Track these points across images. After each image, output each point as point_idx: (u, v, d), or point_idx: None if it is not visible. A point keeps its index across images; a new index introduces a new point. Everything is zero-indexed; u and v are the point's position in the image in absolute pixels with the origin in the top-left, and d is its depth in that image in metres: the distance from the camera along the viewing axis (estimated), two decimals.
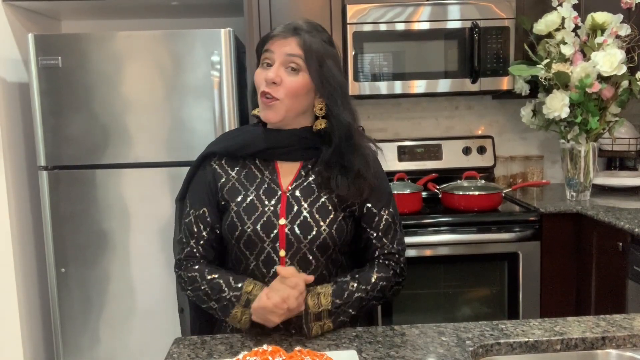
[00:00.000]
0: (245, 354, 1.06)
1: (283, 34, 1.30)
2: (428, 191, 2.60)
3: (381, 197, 1.38)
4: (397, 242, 1.38)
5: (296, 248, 1.30)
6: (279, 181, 1.35)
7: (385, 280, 1.33)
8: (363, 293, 1.29)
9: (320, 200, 1.33)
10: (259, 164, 1.38)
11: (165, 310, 2.47)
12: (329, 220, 1.31)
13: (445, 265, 2.45)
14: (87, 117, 2.38)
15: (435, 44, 2.62)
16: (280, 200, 1.33)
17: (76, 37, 2.38)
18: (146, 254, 2.45)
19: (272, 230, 1.30)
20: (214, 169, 1.38)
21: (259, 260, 1.32)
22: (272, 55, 1.30)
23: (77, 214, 2.42)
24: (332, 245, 1.32)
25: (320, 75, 1.30)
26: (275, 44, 1.30)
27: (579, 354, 1.17)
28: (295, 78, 1.30)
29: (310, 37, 1.30)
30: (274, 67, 1.30)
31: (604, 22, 2.41)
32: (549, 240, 2.43)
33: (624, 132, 2.78)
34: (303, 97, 1.32)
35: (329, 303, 1.24)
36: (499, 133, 3.09)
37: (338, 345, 1.19)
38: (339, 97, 1.32)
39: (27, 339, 2.55)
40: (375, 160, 1.39)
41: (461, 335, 1.20)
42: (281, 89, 1.29)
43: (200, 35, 2.37)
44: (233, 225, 1.32)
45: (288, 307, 1.18)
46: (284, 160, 1.37)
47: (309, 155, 1.36)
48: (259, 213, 1.31)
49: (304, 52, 1.29)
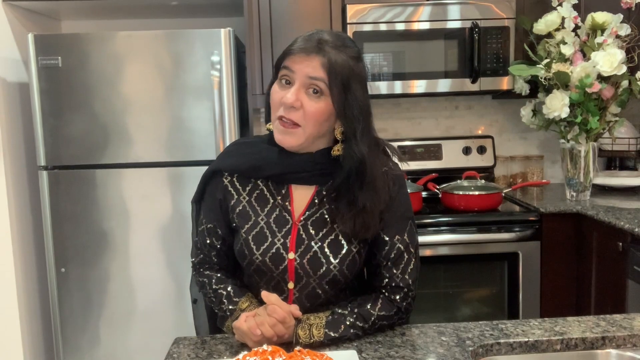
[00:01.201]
0: (245, 354, 1.06)
1: (306, 50, 1.17)
2: (428, 191, 2.60)
3: (395, 223, 1.27)
4: (408, 274, 1.27)
5: (305, 282, 1.26)
6: (292, 209, 1.28)
7: (386, 319, 1.24)
8: (360, 331, 1.21)
9: (333, 233, 1.25)
10: (271, 187, 1.29)
11: (165, 310, 2.47)
12: (341, 257, 1.24)
13: (445, 265, 2.45)
14: (87, 117, 2.38)
15: (435, 43, 2.62)
16: (290, 231, 1.27)
17: (76, 37, 2.38)
18: (146, 254, 2.45)
19: (281, 263, 1.26)
20: (225, 187, 1.31)
21: (270, 286, 1.29)
22: (292, 75, 1.18)
23: (77, 214, 2.42)
24: (342, 281, 1.27)
25: (342, 101, 1.18)
26: (296, 62, 1.18)
27: (579, 354, 1.17)
28: (317, 103, 1.18)
29: (336, 54, 1.17)
30: (294, 89, 1.18)
31: (604, 22, 2.41)
32: (549, 240, 2.43)
33: (624, 132, 2.78)
34: (324, 123, 1.21)
35: (321, 335, 1.17)
36: (499, 133, 3.09)
37: (338, 345, 1.19)
38: (359, 125, 1.20)
39: (27, 339, 2.55)
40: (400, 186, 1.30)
41: (461, 335, 1.20)
42: (300, 113, 1.18)
43: (200, 35, 2.37)
44: (242, 253, 1.29)
45: (262, 334, 1.13)
46: (298, 183, 1.29)
47: (325, 180, 1.27)
48: (268, 244, 1.26)
49: (327, 75, 1.16)
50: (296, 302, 1.27)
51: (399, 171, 1.33)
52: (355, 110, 1.19)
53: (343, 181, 1.22)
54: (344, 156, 1.22)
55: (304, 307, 1.25)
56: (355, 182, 1.22)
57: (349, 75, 1.18)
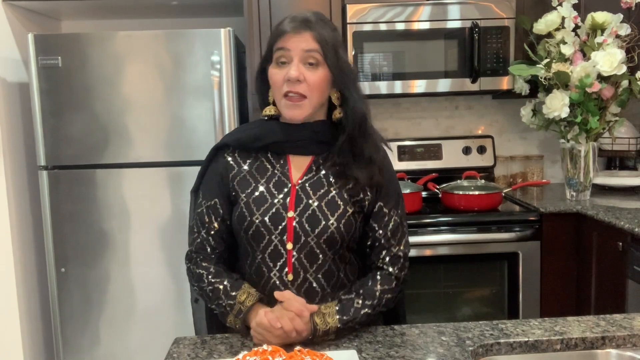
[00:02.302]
0: (245, 353, 1.06)
1: (296, 29, 1.28)
2: (428, 191, 2.60)
3: (392, 196, 1.37)
4: (404, 245, 1.37)
5: (303, 241, 1.30)
6: (290, 174, 1.35)
7: (389, 292, 1.32)
8: (369, 309, 1.27)
9: (330, 194, 1.32)
10: (270, 157, 1.37)
11: (165, 310, 2.47)
12: (338, 215, 1.30)
13: (445, 265, 2.45)
14: (87, 117, 2.38)
15: (435, 43, 2.62)
16: (289, 193, 1.32)
17: (76, 37, 2.38)
18: (146, 254, 2.45)
19: (281, 222, 1.30)
20: (226, 161, 1.38)
21: (266, 254, 1.32)
22: (288, 53, 1.28)
23: (77, 213, 2.42)
24: (339, 240, 1.31)
25: (337, 66, 1.29)
26: (289, 41, 1.28)
27: (579, 354, 1.17)
28: (317, 72, 1.29)
29: (322, 28, 1.29)
30: (294, 64, 1.28)
31: (604, 22, 2.41)
32: (549, 240, 2.43)
33: (624, 132, 2.78)
34: (325, 91, 1.32)
35: (336, 322, 1.22)
36: (499, 133, 3.09)
37: (338, 345, 1.19)
38: (352, 86, 1.32)
39: (27, 339, 2.55)
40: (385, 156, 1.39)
41: (461, 335, 1.20)
42: (304, 85, 1.28)
43: (200, 35, 2.37)
44: (242, 216, 1.32)
45: (283, 328, 1.17)
46: (296, 154, 1.37)
47: (321, 150, 1.36)
48: (268, 205, 1.31)
49: (320, 45, 1.28)
50: (295, 263, 1.30)
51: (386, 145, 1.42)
52: (349, 73, 1.32)
53: (347, 138, 1.32)
54: (346, 115, 1.32)
55: (303, 269, 1.30)
56: (360, 136, 1.32)
57: (336, 44, 1.30)
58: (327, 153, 1.36)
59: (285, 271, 1.30)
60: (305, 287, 1.30)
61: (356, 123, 1.31)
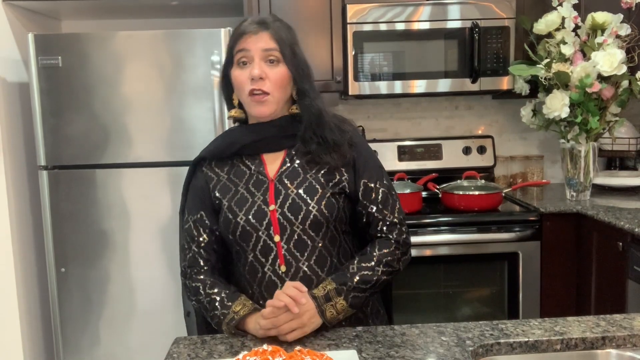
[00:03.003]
0: (245, 353, 1.06)
1: (254, 30, 1.32)
2: (428, 191, 2.60)
3: (373, 170, 1.40)
4: (397, 212, 1.39)
5: (290, 231, 1.32)
6: (266, 171, 1.38)
7: (390, 255, 1.34)
8: (368, 270, 1.30)
9: (307, 181, 1.35)
10: (245, 161, 1.40)
11: (165, 311, 2.47)
12: (317, 198, 1.33)
13: (445, 265, 2.45)
14: (87, 117, 2.38)
15: (435, 43, 2.62)
16: (268, 188, 1.35)
17: (76, 37, 2.38)
18: (146, 254, 2.45)
19: (264, 217, 1.33)
20: (205, 173, 1.42)
21: (257, 251, 1.34)
22: (248, 54, 1.33)
23: (77, 213, 2.42)
24: (324, 222, 1.33)
25: (294, 63, 1.34)
26: (248, 42, 1.32)
27: (579, 354, 1.17)
28: (277, 69, 1.33)
29: (278, 27, 1.35)
30: (256, 63, 1.32)
31: (604, 22, 2.41)
32: (549, 240, 2.43)
33: (624, 132, 2.78)
34: (287, 87, 1.36)
35: (333, 285, 1.27)
36: (499, 133, 3.09)
37: (338, 345, 1.19)
38: (308, 82, 1.37)
39: (27, 339, 2.55)
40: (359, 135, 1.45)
41: (461, 335, 1.20)
42: (267, 82, 1.32)
43: (200, 35, 2.37)
44: (227, 219, 1.35)
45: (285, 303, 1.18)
46: (268, 151, 1.40)
47: (291, 143, 1.39)
48: (250, 203, 1.34)
49: (278, 44, 1.32)
50: (286, 254, 1.32)
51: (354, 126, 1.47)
52: (305, 68, 1.37)
53: (306, 129, 1.36)
54: (303, 109, 1.37)
55: (294, 258, 1.32)
56: (318, 129, 1.36)
57: (292, 42, 1.36)
58: (298, 144, 1.39)
59: (277, 263, 1.32)
60: (299, 276, 1.32)
61: (312, 117, 1.35)
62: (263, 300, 1.30)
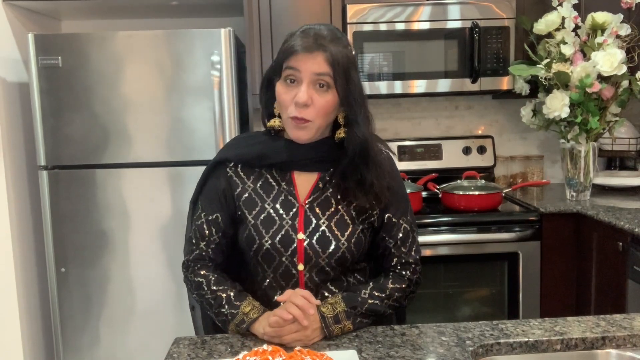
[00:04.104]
0: (245, 353, 1.06)
1: (308, 48, 1.22)
2: (428, 191, 2.60)
3: (400, 205, 1.36)
4: (414, 251, 1.37)
5: (314, 262, 1.30)
6: (296, 193, 1.33)
7: (400, 292, 1.32)
8: (378, 300, 1.28)
9: (338, 213, 1.31)
10: (275, 174, 1.35)
11: (165, 310, 2.47)
12: (348, 234, 1.30)
13: (445, 265, 2.45)
14: (87, 117, 2.38)
15: (435, 43, 2.62)
16: (297, 213, 1.31)
17: (76, 37, 2.38)
18: (146, 254, 2.45)
19: (291, 244, 1.29)
20: (229, 177, 1.35)
21: (277, 274, 1.32)
22: (298, 74, 1.23)
23: (77, 214, 2.42)
24: (350, 259, 1.31)
25: (347, 89, 1.24)
26: (300, 61, 1.22)
27: (579, 354, 1.17)
28: (326, 97, 1.24)
29: (334, 47, 1.23)
30: (304, 87, 1.22)
31: (604, 22, 2.41)
32: (549, 240, 2.43)
33: (624, 132, 2.78)
34: (332, 114, 1.28)
35: (343, 306, 1.24)
36: (499, 133, 3.09)
37: (338, 345, 1.19)
38: (360, 109, 1.27)
39: (27, 339, 2.55)
40: (392, 165, 1.38)
41: (461, 335, 1.20)
42: (312, 110, 1.24)
43: (200, 35, 2.37)
44: (251, 239, 1.31)
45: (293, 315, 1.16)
46: (301, 171, 1.34)
47: (326, 167, 1.33)
48: (277, 227, 1.30)
49: (332, 69, 1.22)
50: (307, 282, 1.31)
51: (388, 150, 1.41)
52: (357, 96, 1.26)
53: (349, 163, 1.29)
54: (349, 140, 1.28)
55: (315, 285, 1.31)
56: (360, 162, 1.29)
57: (348, 65, 1.24)
58: (333, 170, 1.33)
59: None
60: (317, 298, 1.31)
61: (357, 148, 1.27)
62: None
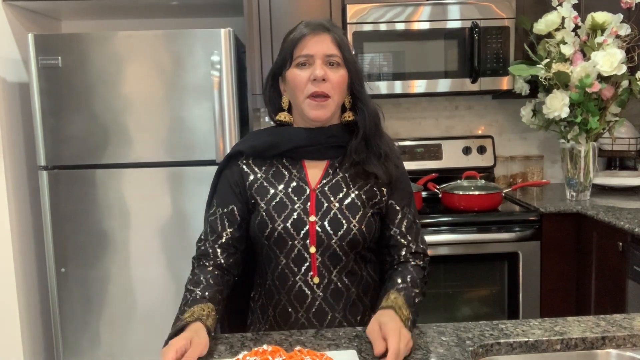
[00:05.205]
0: (245, 353, 1.06)
1: (315, 32, 1.31)
2: (428, 191, 2.60)
3: (404, 195, 1.39)
4: (420, 241, 1.39)
5: (326, 245, 1.31)
6: (307, 179, 1.36)
7: (423, 281, 1.35)
8: (419, 297, 1.31)
9: (349, 197, 1.34)
10: (286, 163, 1.38)
11: (165, 310, 2.47)
12: (359, 217, 1.32)
13: (445, 265, 2.45)
14: (87, 117, 2.38)
15: (435, 43, 2.62)
16: (309, 197, 1.33)
17: (76, 37, 2.38)
18: (146, 254, 2.45)
19: (303, 227, 1.31)
20: (241, 168, 1.38)
21: (290, 259, 1.33)
22: (309, 57, 1.31)
23: (77, 213, 2.42)
24: (361, 241, 1.33)
25: (354, 68, 1.34)
26: (309, 44, 1.30)
27: (579, 354, 1.17)
28: (338, 72, 1.32)
29: (337, 32, 1.34)
30: (318, 64, 1.30)
31: (604, 22, 2.41)
32: (549, 240, 2.43)
33: (624, 132, 2.78)
34: (345, 91, 1.35)
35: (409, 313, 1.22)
36: (499, 133, 3.09)
37: (338, 345, 1.19)
38: (363, 87, 1.37)
39: (27, 339, 2.55)
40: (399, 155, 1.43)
41: (461, 335, 1.20)
42: (329, 85, 1.30)
43: (200, 35, 2.37)
44: (263, 224, 1.32)
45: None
46: (311, 158, 1.38)
47: (336, 154, 1.37)
48: (289, 211, 1.32)
49: (339, 48, 1.32)
50: (320, 266, 1.32)
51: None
52: (361, 76, 1.37)
53: (362, 137, 1.34)
54: (363, 116, 1.35)
55: (327, 270, 1.32)
56: (374, 135, 1.35)
57: (349, 48, 1.36)
58: (342, 156, 1.37)
59: (310, 275, 1.32)
60: (331, 288, 1.33)
61: (372, 123, 1.35)
62: (291, 308, 1.32)
